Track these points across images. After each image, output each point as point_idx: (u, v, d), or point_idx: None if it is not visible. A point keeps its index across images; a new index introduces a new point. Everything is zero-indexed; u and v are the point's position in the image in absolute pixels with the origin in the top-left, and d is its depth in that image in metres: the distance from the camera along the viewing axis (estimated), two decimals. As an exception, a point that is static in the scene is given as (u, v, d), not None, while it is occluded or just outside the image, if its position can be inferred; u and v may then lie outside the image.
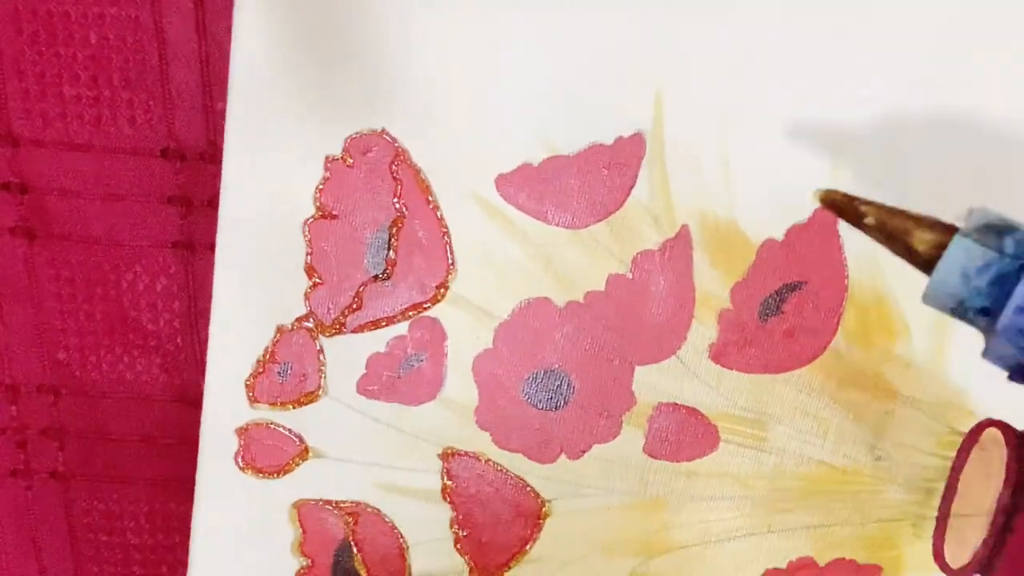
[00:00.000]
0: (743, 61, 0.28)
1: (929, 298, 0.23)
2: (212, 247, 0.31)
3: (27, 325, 0.34)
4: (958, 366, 0.30)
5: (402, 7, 0.28)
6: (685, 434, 0.31)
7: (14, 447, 0.36)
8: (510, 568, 0.32)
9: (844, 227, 0.28)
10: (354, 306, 0.30)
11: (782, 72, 0.28)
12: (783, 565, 0.32)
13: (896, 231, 0.23)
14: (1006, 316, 0.21)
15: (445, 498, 0.32)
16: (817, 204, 0.25)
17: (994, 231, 0.22)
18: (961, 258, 0.22)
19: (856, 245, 0.29)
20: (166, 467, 0.36)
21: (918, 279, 0.28)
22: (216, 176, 0.31)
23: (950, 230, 0.23)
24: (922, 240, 0.23)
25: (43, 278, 0.33)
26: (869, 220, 0.24)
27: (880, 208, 0.24)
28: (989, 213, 0.22)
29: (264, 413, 0.31)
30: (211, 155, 0.32)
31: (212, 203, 0.32)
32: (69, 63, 0.31)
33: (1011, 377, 0.22)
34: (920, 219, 0.23)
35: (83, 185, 0.32)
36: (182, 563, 0.36)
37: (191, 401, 0.34)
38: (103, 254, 0.33)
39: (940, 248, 0.22)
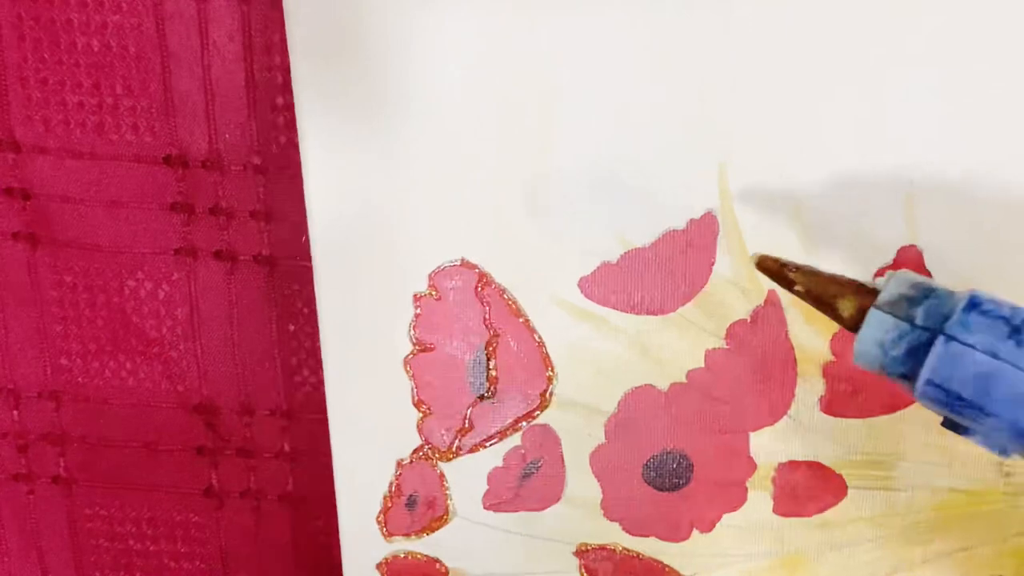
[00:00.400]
0: (799, 118, 0.28)
1: (857, 360, 0.23)
2: (214, 254, 0.31)
3: (29, 331, 0.34)
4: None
5: (447, 130, 0.29)
6: (812, 488, 0.31)
7: (16, 452, 0.36)
8: (664, 647, 0.32)
9: (933, 260, 0.28)
10: (466, 428, 0.31)
11: (839, 124, 0.28)
12: (933, 594, 0.32)
13: (823, 297, 0.24)
14: (919, 388, 0.22)
15: (588, 593, 0.32)
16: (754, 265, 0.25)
17: (907, 301, 0.22)
18: (877, 330, 0.22)
19: (948, 275, 0.29)
20: (167, 474, 0.36)
21: (1013, 298, 0.29)
22: (217, 183, 0.32)
23: (871, 295, 0.23)
24: (845, 307, 0.23)
25: (45, 284, 0.34)
26: (798, 288, 0.24)
27: (808, 274, 0.24)
28: (904, 281, 0.23)
29: (400, 544, 0.32)
30: (213, 162, 0.32)
31: (214, 210, 0.32)
32: (72, 70, 0.31)
33: (943, 424, 0.23)
34: (844, 284, 0.23)
35: (85, 192, 0.32)
36: (184, 569, 0.37)
37: (192, 408, 0.35)
38: (105, 260, 0.33)
39: (863, 313, 0.23)
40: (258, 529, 0.36)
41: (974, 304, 0.22)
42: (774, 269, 0.24)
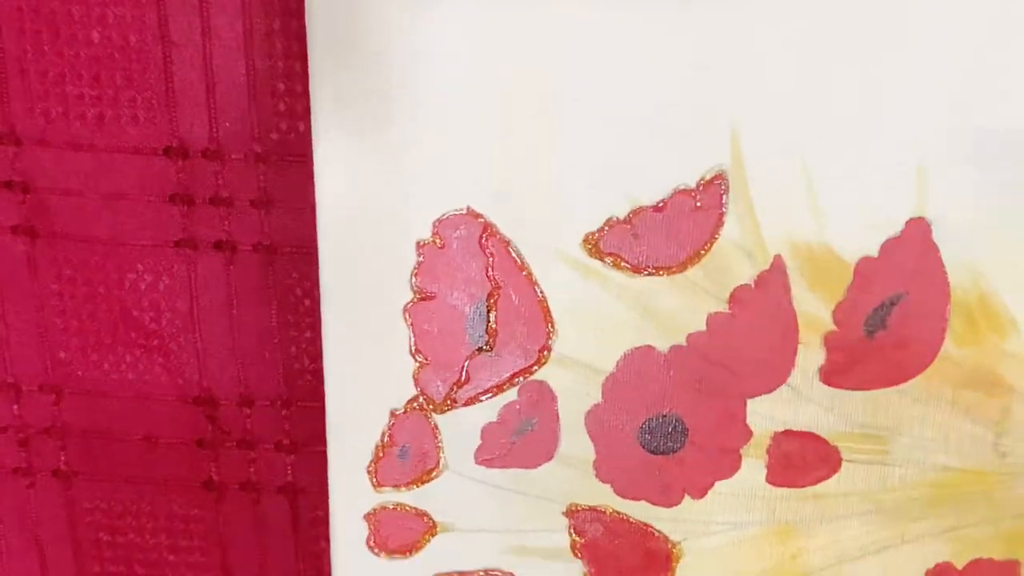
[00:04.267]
0: (814, 82, 0.28)
1: None
2: (215, 245, 0.31)
3: (29, 324, 0.34)
4: (1074, 354, 0.29)
5: (456, 87, 0.28)
6: (806, 459, 0.31)
7: (16, 445, 0.36)
8: (649, 613, 0.32)
9: (939, 234, 0.28)
10: (462, 380, 0.31)
11: (852, 93, 0.28)
12: (921, 573, 0.32)
13: None
14: None
15: (576, 554, 0.32)
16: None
17: None
18: None
19: (952, 249, 0.28)
20: (168, 466, 0.36)
21: (1020, 274, 0.29)
22: (217, 172, 0.31)
23: None
24: None
25: (45, 277, 0.33)
26: None
27: None
28: None
29: (389, 496, 0.32)
30: (213, 152, 0.31)
31: (214, 201, 0.32)
32: (72, 62, 0.31)
33: None
34: None
35: (85, 184, 0.32)
36: (184, 563, 0.37)
37: (193, 400, 0.34)
38: (105, 253, 0.33)
39: None
40: (258, 521, 0.36)
41: None
42: None
